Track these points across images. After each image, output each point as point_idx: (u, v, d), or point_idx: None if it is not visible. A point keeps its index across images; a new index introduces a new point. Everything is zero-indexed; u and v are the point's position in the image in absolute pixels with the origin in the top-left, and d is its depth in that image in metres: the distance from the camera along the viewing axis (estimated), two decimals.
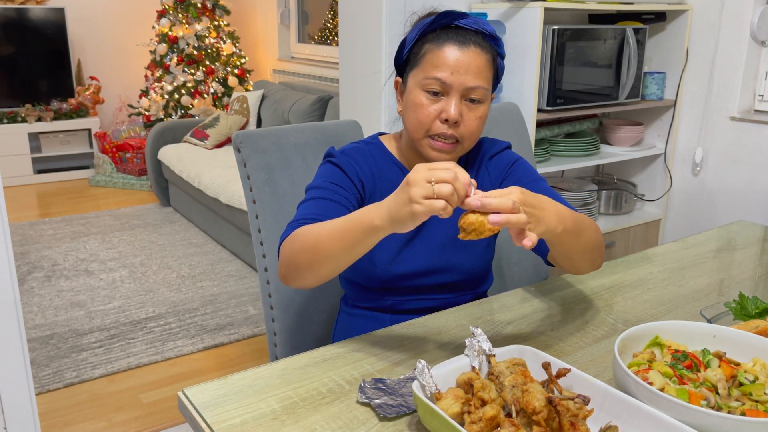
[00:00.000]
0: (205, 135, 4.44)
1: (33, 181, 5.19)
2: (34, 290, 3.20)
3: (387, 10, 2.33)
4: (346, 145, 1.27)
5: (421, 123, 1.15)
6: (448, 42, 1.13)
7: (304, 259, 1.02)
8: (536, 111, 2.44)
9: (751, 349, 0.96)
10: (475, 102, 1.15)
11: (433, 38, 1.15)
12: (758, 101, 2.69)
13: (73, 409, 2.27)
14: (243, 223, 3.39)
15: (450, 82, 1.12)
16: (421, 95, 1.15)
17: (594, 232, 1.13)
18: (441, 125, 1.14)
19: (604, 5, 2.54)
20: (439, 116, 1.14)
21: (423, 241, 1.24)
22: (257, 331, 2.82)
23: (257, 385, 0.96)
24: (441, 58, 1.13)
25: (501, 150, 1.29)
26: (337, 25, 2.63)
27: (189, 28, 5.03)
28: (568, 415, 0.79)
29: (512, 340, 1.11)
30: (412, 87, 1.17)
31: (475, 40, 1.14)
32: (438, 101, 1.14)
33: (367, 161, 1.24)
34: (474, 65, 1.13)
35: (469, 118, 1.15)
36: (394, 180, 1.24)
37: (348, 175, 1.21)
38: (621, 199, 2.97)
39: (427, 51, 1.15)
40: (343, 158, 1.22)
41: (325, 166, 1.23)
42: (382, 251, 1.22)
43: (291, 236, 1.07)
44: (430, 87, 1.14)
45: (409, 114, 1.17)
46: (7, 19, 4.96)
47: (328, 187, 1.17)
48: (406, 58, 1.20)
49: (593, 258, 1.15)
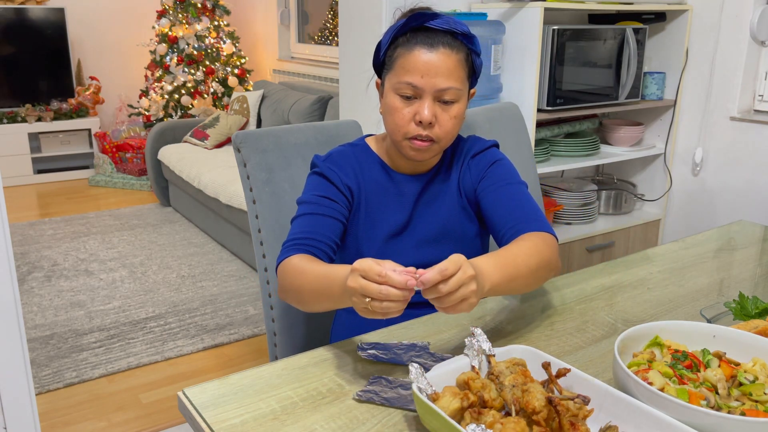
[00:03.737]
0: (205, 135, 4.44)
1: (33, 181, 5.19)
2: (34, 290, 3.20)
3: (387, 11, 2.33)
4: (332, 150, 1.30)
5: (398, 126, 1.17)
6: (417, 45, 1.14)
7: (295, 298, 1.11)
8: (536, 111, 2.44)
9: (751, 349, 0.96)
10: (448, 103, 1.16)
11: (404, 42, 1.17)
12: (758, 101, 2.69)
13: (73, 409, 2.27)
14: (243, 223, 3.39)
15: (421, 85, 1.14)
16: (395, 99, 1.17)
17: (550, 255, 1.13)
18: (416, 127, 1.16)
19: (604, 5, 2.54)
20: (414, 118, 1.16)
21: (411, 234, 1.27)
22: (257, 331, 2.82)
23: (257, 385, 0.96)
24: (411, 61, 1.14)
25: (484, 149, 1.30)
26: (337, 25, 2.63)
27: (189, 28, 5.03)
28: (568, 415, 0.79)
29: (512, 340, 1.11)
30: (388, 90, 1.19)
31: (444, 40, 1.15)
32: (412, 104, 1.16)
33: (351, 165, 1.27)
34: (444, 67, 1.14)
35: (443, 118, 1.16)
36: (379, 179, 1.27)
37: (335, 184, 1.23)
38: (621, 199, 2.97)
39: (398, 55, 1.17)
40: (327, 167, 1.25)
41: (312, 177, 1.26)
42: (369, 248, 1.26)
43: (284, 268, 1.13)
44: (403, 91, 1.16)
45: (387, 117, 1.20)
46: (7, 19, 4.96)
47: (317, 202, 1.21)
48: (382, 60, 1.22)
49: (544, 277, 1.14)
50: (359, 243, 1.27)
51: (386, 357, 1.03)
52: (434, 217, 1.28)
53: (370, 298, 0.87)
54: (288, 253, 1.15)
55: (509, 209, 1.21)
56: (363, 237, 1.27)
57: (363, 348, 1.05)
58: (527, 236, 1.15)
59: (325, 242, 1.18)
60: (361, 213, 1.27)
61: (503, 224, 1.21)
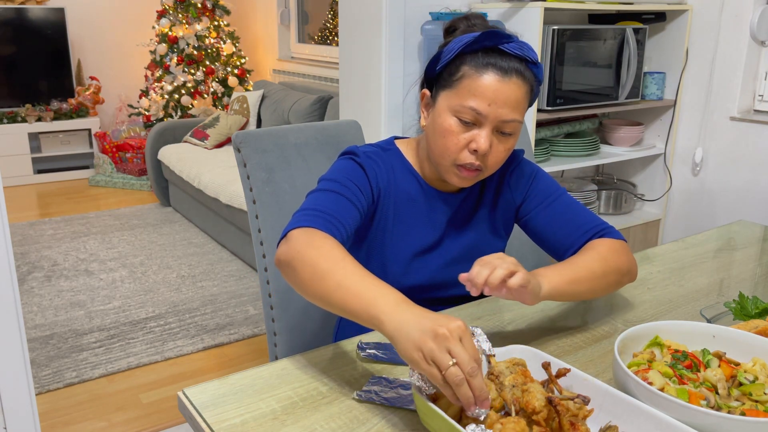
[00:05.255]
0: (205, 135, 4.44)
1: (33, 181, 5.19)
2: (34, 290, 3.20)
3: (387, 10, 2.33)
4: (363, 147, 1.21)
5: (449, 151, 1.09)
6: (489, 69, 1.05)
7: (306, 275, 0.94)
8: (536, 111, 2.44)
9: (751, 349, 0.96)
10: (506, 135, 1.10)
11: (473, 60, 1.07)
12: (758, 101, 2.69)
13: (73, 409, 2.27)
14: (243, 223, 3.39)
15: (486, 113, 1.06)
16: (451, 121, 1.08)
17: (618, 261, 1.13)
18: (469, 155, 1.09)
19: (604, 5, 2.54)
20: (468, 146, 1.09)
21: (439, 253, 1.23)
22: (257, 331, 2.82)
23: (257, 385, 0.96)
24: (480, 86, 1.05)
25: (519, 161, 1.25)
26: (337, 25, 2.63)
27: (189, 28, 5.03)
28: (568, 415, 0.79)
29: (512, 340, 1.11)
30: (443, 109, 1.10)
31: (518, 68, 1.06)
32: (469, 130, 1.08)
33: (386, 167, 1.19)
34: (513, 98, 1.06)
35: (497, 149, 1.10)
36: (410, 191, 1.20)
37: (368, 177, 1.15)
38: (621, 199, 2.97)
39: (465, 75, 1.07)
40: (366, 159, 1.17)
41: (347, 162, 1.16)
42: (394, 263, 1.20)
43: (309, 237, 0.98)
44: (463, 115, 1.07)
45: (437, 137, 1.11)
46: (7, 19, 4.96)
47: (345, 183, 1.11)
48: (438, 73, 1.12)
49: (616, 282, 1.15)
50: (385, 252, 1.21)
51: (386, 357, 1.03)
52: (463, 239, 1.23)
53: (454, 362, 0.76)
54: (307, 222, 1.01)
55: (563, 224, 1.19)
56: (390, 247, 1.20)
57: (363, 348, 1.05)
58: (592, 244, 1.15)
59: (343, 225, 1.05)
60: (389, 221, 1.20)
61: (565, 240, 1.19)
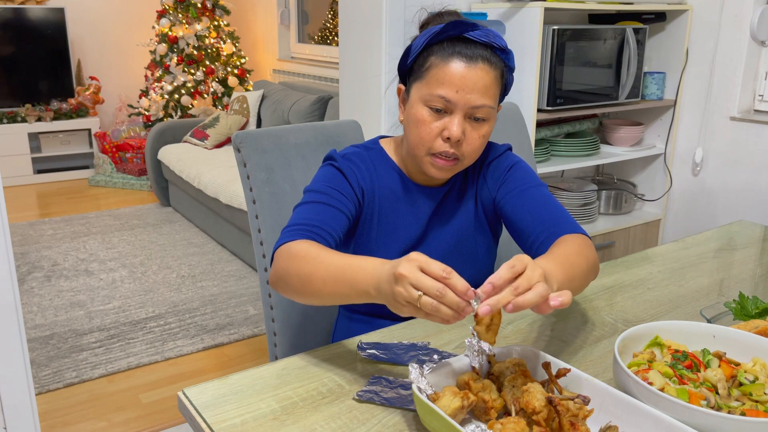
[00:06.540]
0: (205, 135, 4.44)
1: (33, 181, 5.19)
2: (34, 290, 3.20)
3: (387, 10, 2.33)
4: (346, 149, 1.24)
5: (423, 140, 1.11)
6: (455, 57, 1.07)
7: (296, 284, 1.00)
8: (536, 111, 2.44)
9: (751, 349, 0.96)
10: (479, 120, 1.11)
11: (440, 50, 1.09)
12: (758, 101, 2.69)
13: (73, 409, 2.27)
14: (243, 223, 3.39)
15: (455, 100, 1.07)
16: (423, 111, 1.10)
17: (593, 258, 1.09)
18: (443, 143, 1.10)
19: (604, 5, 2.54)
20: (441, 134, 1.10)
21: (425, 249, 1.22)
22: (257, 331, 2.82)
23: (257, 385, 0.96)
24: (446, 74, 1.07)
25: (499, 154, 1.25)
26: (337, 25, 2.63)
27: (189, 28, 5.03)
28: (568, 415, 0.79)
29: (512, 340, 1.11)
30: (415, 100, 1.12)
31: (484, 55, 1.08)
32: (441, 118, 1.10)
33: (367, 168, 1.21)
34: (481, 83, 1.07)
35: (471, 136, 1.11)
36: (393, 188, 1.22)
37: (349, 181, 1.17)
38: (621, 199, 2.97)
39: (432, 64, 1.09)
40: (345, 163, 1.19)
41: (326, 168, 1.19)
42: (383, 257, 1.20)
43: (288, 251, 1.03)
44: (433, 104, 1.09)
45: (411, 128, 1.13)
46: (7, 19, 4.96)
47: (327, 192, 1.14)
48: (410, 66, 1.15)
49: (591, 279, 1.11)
50: (372, 249, 1.22)
51: (386, 357, 1.03)
52: (448, 233, 1.24)
53: (421, 293, 0.79)
54: (291, 237, 1.06)
55: (536, 213, 1.16)
56: (376, 244, 1.22)
57: (363, 348, 1.05)
58: (567, 239, 1.09)
59: (330, 233, 1.09)
60: (374, 220, 1.22)
61: (533, 229, 1.15)
